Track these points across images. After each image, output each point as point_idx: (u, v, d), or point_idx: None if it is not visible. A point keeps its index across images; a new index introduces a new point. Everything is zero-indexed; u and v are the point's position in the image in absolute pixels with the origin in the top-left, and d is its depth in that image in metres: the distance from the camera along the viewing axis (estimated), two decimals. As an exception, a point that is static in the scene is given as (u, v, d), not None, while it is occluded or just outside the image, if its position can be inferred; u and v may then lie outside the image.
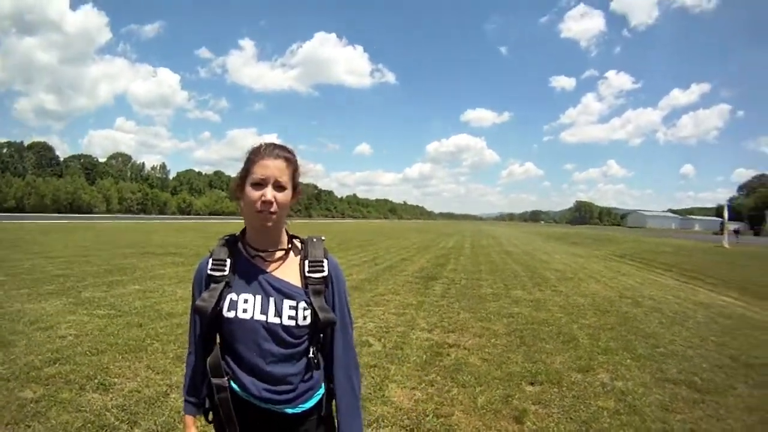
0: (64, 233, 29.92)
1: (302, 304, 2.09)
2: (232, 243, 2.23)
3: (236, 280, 2.13)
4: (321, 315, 2.09)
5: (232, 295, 2.09)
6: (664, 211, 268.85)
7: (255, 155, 2.10)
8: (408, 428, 4.83)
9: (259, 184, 2.04)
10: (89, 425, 4.58)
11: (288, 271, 2.18)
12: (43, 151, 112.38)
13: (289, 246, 2.24)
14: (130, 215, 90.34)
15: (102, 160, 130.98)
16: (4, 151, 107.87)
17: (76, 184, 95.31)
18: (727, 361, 7.39)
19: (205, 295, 2.09)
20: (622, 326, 9.38)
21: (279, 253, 2.20)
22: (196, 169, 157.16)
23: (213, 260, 2.15)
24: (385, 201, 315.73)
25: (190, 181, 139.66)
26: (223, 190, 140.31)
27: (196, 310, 2.12)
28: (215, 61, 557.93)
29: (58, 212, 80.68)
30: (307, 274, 2.15)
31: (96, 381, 5.63)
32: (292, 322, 2.08)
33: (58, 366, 6.06)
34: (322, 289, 2.16)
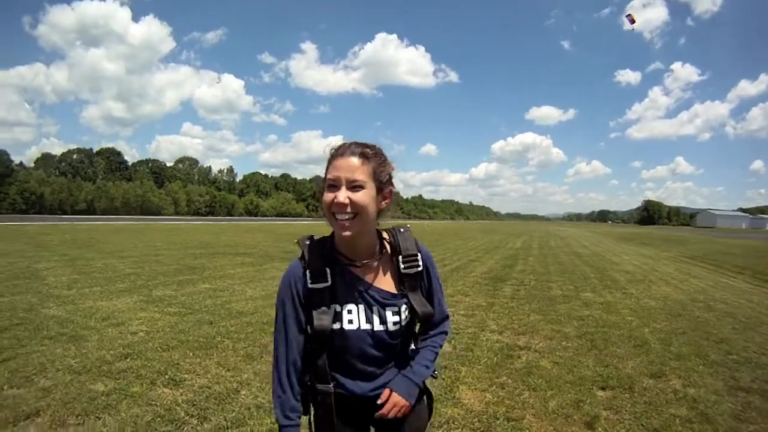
0: (135, 234, 30.63)
1: (403, 307, 2.13)
2: (325, 250, 2.14)
3: (336, 291, 2.08)
4: (419, 310, 2.15)
5: (336, 307, 2.06)
6: (734, 210, 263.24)
7: (330, 157, 2.04)
8: (479, 431, 4.76)
9: (333, 186, 1.98)
10: (159, 419, 4.64)
11: (384, 276, 2.17)
12: (112, 156, 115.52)
13: (383, 251, 2.20)
14: (198, 217, 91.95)
15: (170, 164, 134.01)
16: (75, 156, 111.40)
17: (145, 187, 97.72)
18: (803, 369, 7.10)
19: (318, 314, 2.04)
20: (695, 331, 9.09)
21: (374, 261, 2.16)
22: (263, 172, 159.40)
23: (311, 272, 2.06)
24: (451, 202, 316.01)
25: (257, 184, 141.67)
26: (289, 192, 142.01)
27: (315, 331, 2.04)
28: (278, 65, 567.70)
29: (128, 215, 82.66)
30: (403, 272, 2.15)
31: (167, 376, 5.71)
32: (397, 327, 2.12)
33: (129, 361, 6.18)
34: (418, 283, 2.19)
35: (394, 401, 2.12)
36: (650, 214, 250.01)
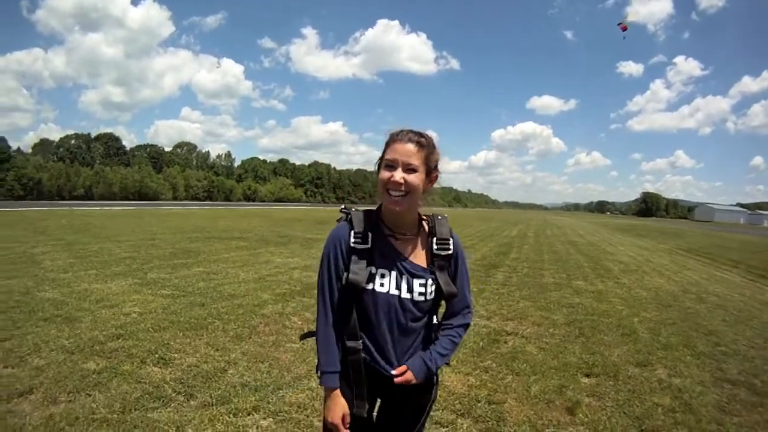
0: (132, 219, 30.53)
1: (429, 281, 2.37)
2: (370, 218, 2.42)
3: (375, 255, 2.35)
4: (445, 289, 2.37)
5: (371, 269, 2.33)
6: (732, 205, 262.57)
7: (390, 140, 2.33)
8: (459, 413, 4.83)
9: (391, 166, 2.26)
10: (147, 396, 4.74)
11: (418, 252, 2.43)
12: (110, 141, 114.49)
13: (421, 229, 2.48)
14: (196, 202, 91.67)
15: (168, 149, 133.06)
16: (73, 142, 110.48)
17: (143, 172, 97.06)
18: (791, 364, 7.12)
19: (354, 268, 2.29)
20: (684, 322, 9.16)
21: (412, 237, 2.44)
22: (261, 157, 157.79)
23: (355, 233, 2.33)
24: (450, 189, 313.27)
25: (255, 169, 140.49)
26: (288, 178, 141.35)
27: (348, 282, 2.28)
28: (278, 50, 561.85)
29: (126, 200, 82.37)
30: (434, 252, 2.41)
31: (157, 355, 5.81)
32: (422, 298, 2.36)
33: (121, 341, 6.27)
34: (446, 265, 2.43)
35: (406, 377, 2.37)
36: (648, 206, 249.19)
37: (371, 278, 2.30)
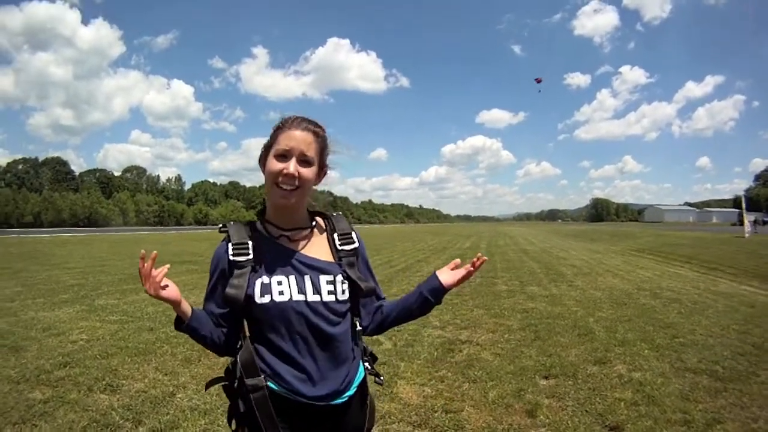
0: (81, 245, 30.11)
1: (339, 278, 2.03)
2: (251, 224, 2.13)
3: (263, 263, 2.01)
4: (362, 285, 2.05)
5: (263, 279, 1.96)
6: (680, 205, 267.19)
7: (282, 125, 2.03)
8: (416, 424, 4.76)
9: (284, 156, 1.96)
10: (94, 424, 4.61)
11: (317, 247, 2.11)
12: (59, 166, 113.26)
13: (313, 224, 2.16)
14: (147, 227, 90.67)
15: (117, 173, 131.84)
16: (20, 167, 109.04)
17: (92, 198, 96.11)
18: (750, 348, 7.20)
19: (233, 281, 1.95)
20: (640, 318, 9.23)
21: (305, 231, 2.12)
22: (212, 180, 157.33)
23: (233, 245, 2.01)
24: (402, 205, 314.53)
25: (205, 192, 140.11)
26: (239, 200, 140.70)
27: (226, 299, 1.95)
28: (228, 70, 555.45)
29: (75, 226, 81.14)
30: (339, 247, 2.11)
31: (104, 382, 5.67)
32: (332, 297, 2.00)
33: (67, 369, 6.13)
34: (354, 260, 2.12)
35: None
36: (599, 211, 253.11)
37: (266, 289, 1.94)
